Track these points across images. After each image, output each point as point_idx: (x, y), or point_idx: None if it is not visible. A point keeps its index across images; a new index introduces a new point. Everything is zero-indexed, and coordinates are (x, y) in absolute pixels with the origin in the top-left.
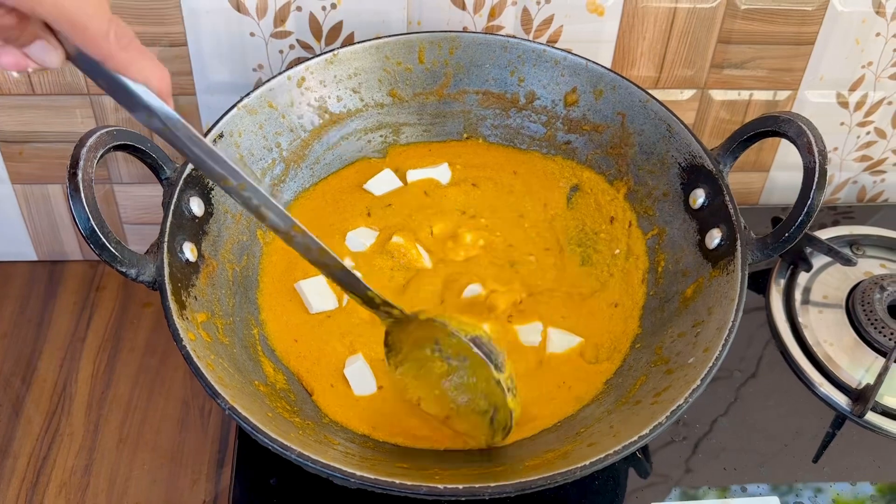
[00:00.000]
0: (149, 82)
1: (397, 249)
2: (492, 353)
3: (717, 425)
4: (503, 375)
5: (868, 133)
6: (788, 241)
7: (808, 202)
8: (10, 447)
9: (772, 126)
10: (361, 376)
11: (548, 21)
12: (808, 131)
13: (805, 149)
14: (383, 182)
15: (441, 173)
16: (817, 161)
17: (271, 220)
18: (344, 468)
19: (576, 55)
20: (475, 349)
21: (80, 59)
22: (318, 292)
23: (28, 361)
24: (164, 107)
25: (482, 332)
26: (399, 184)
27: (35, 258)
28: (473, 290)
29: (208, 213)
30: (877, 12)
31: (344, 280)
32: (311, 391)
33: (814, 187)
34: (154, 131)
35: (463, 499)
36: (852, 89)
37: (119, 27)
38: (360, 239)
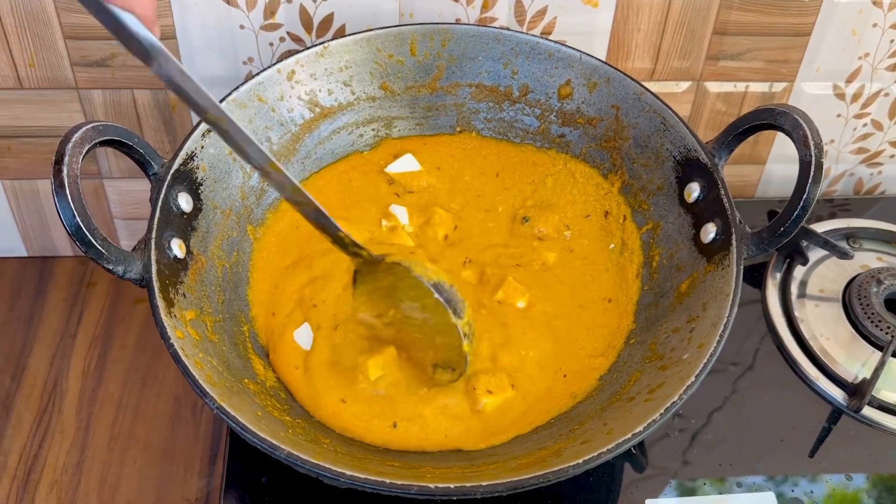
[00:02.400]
0: (133, 9)
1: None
2: (452, 299)
3: (713, 419)
4: (461, 322)
5: (865, 125)
6: (784, 235)
7: (804, 196)
8: (0, 445)
9: (767, 119)
10: (306, 337)
11: (541, 12)
12: (804, 124)
13: (801, 142)
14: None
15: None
16: (813, 154)
17: (250, 156)
18: (333, 467)
19: (569, 47)
20: (436, 294)
21: None
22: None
23: (18, 359)
24: (149, 36)
25: (445, 279)
26: (417, 167)
27: (25, 254)
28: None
29: (197, 208)
30: (873, 3)
31: (316, 219)
32: (293, 390)
33: (810, 181)
34: (141, 60)
35: (454, 498)
36: (849, 81)
37: None
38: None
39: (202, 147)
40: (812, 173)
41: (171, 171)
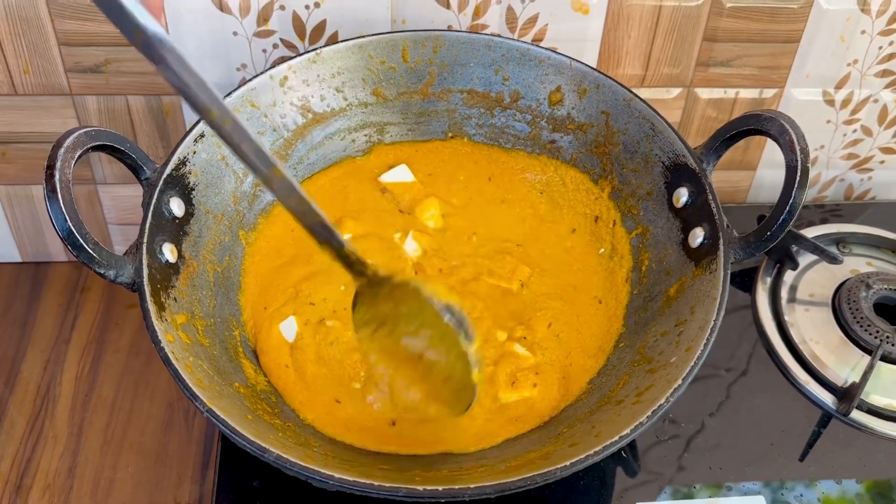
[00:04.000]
0: None
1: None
2: (463, 322)
3: (705, 424)
4: (472, 348)
5: (854, 131)
6: (771, 239)
7: (791, 201)
8: None
9: (754, 124)
10: (291, 329)
11: (532, 19)
12: (790, 129)
13: (787, 147)
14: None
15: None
16: (799, 159)
17: (250, 160)
18: (322, 470)
19: (560, 54)
20: (447, 317)
21: None
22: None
23: (12, 363)
24: (154, 26)
25: (455, 302)
26: (411, 177)
27: (19, 260)
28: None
29: (189, 213)
30: (862, 10)
31: (319, 232)
32: (285, 393)
33: (796, 185)
34: (143, 53)
35: (443, 500)
36: (838, 87)
37: None
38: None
39: (194, 152)
40: (798, 178)
41: (164, 176)
